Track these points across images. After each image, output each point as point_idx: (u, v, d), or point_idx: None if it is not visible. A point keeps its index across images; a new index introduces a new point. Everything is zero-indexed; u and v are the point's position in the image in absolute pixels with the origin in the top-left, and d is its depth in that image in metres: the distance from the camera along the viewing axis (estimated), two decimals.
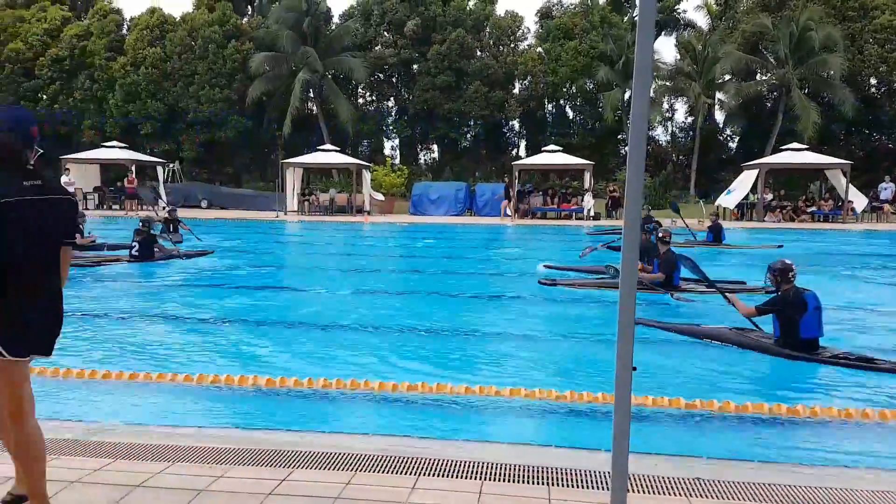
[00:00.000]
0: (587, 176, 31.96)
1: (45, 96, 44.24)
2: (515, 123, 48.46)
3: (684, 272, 10.15)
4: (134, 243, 13.67)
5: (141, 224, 13.90)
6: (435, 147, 50.64)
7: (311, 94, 44.77)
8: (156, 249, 14.03)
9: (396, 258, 16.74)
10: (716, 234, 18.26)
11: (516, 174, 32.16)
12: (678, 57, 45.62)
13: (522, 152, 47.91)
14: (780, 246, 17.97)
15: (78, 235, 14.50)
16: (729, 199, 30.07)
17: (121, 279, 11.86)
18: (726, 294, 7.48)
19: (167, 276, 12.48)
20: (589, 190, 31.71)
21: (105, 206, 33.71)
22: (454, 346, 7.36)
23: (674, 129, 50.15)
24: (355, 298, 10.45)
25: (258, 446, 4.28)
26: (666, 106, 47.63)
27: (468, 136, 47.62)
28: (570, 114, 48.05)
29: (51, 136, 44.36)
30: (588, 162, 32.62)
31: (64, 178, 31.28)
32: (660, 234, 10.48)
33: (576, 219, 30.67)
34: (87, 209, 31.17)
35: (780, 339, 6.85)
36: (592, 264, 13.16)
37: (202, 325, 8.25)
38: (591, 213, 30.85)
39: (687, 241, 18.24)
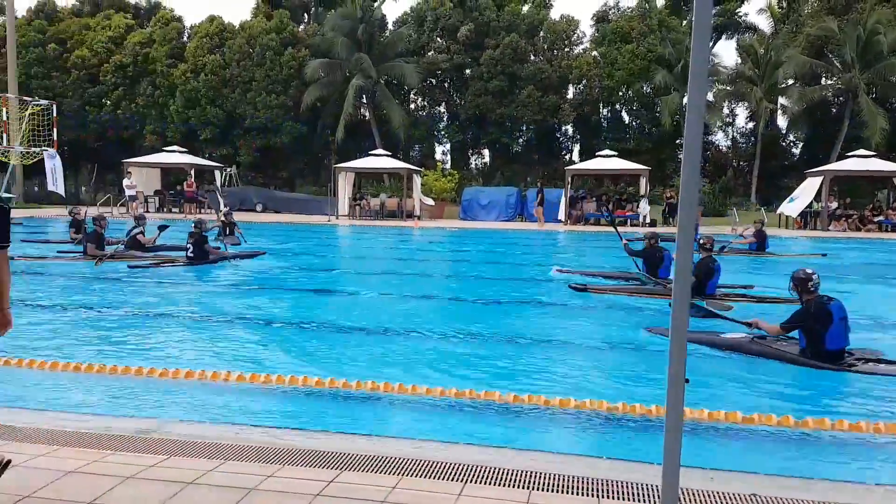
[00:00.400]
0: (643, 181, 31.51)
1: (109, 102, 45.79)
2: (569, 128, 48.11)
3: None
4: (188, 245, 14.03)
5: (193, 226, 14.27)
6: (486, 152, 50.61)
7: (364, 100, 45.28)
8: (207, 250, 14.38)
9: (444, 263, 16.78)
10: (760, 243, 18.11)
11: (569, 179, 31.92)
12: (739, 61, 44.66)
13: (576, 157, 47.53)
14: (824, 255, 17.53)
15: (141, 236, 15.02)
16: (791, 207, 29.23)
17: (175, 280, 12.18)
18: (746, 322, 7.33)
19: (220, 277, 12.78)
20: (645, 196, 31.26)
21: (165, 209, 34.70)
22: (500, 352, 7.34)
23: (734, 134, 49.12)
24: (404, 302, 10.51)
25: (308, 447, 4.34)
26: (726, 111, 46.69)
27: (520, 140, 47.44)
28: (626, 118, 47.44)
29: (114, 140, 45.99)
30: (644, 167, 32.17)
31: (126, 181, 32.36)
32: (701, 241, 10.39)
33: (631, 225, 30.25)
34: (147, 212, 32.12)
35: (805, 349, 6.74)
36: (610, 269, 13.17)
37: (254, 326, 8.42)
38: (647, 220, 30.39)
39: (729, 248, 18.09)
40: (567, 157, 48.40)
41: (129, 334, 7.88)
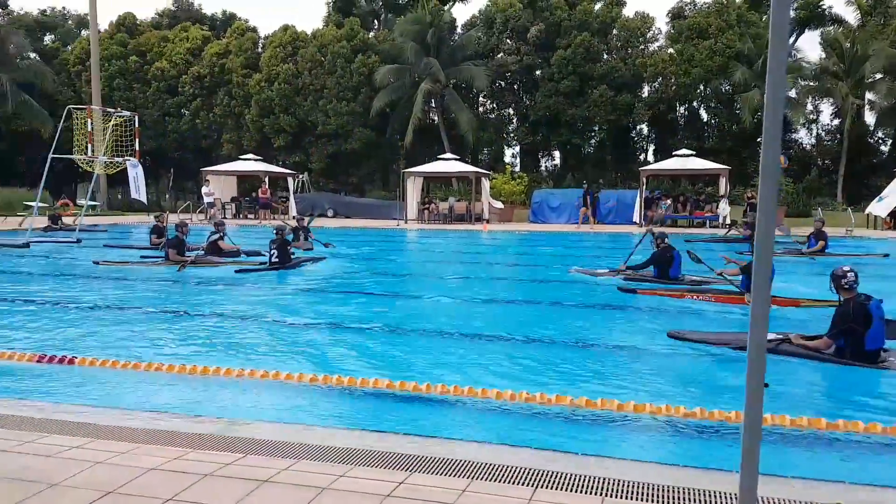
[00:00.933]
0: (723, 181, 30.72)
1: (187, 112, 47.58)
2: (644, 127, 47.32)
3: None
4: (272, 251, 14.48)
5: (275, 232, 14.70)
6: (557, 154, 50.24)
7: (433, 104, 45.60)
8: (290, 255, 14.81)
9: (512, 266, 16.73)
10: (819, 242, 17.69)
11: (644, 180, 31.37)
12: (823, 55, 43.01)
13: (651, 157, 46.69)
14: (887, 255, 16.81)
15: (221, 241, 15.57)
16: (880, 206, 27.88)
17: (260, 284, 12.55)
18: (788, 337, 7.07)
19: (300, 281, 13.12)
20: (725, 196, 30.45)
21: (241, 216, 35.75)
22: (568, 355, 7.30)
23: (819, 131, 47.30)
24: (473, 306, 10.55)
25: (379, 448, 4.40)
26: (810, 107, 45.02)
27: (592, 141, 46.91)
28: (705, 116, 46.37)
29: (193, 149, 47.72)
30: (723, 166, 31.37)
31: (204, 189, 33.56)
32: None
33: (710, 227, 29.50)
34: (224, 217, 33.17)
35: (844, 349, 6.69)
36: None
37: (327, 329, 8.60)
38: (727, 221, 29.57)
39: (787, 249, 17.80)
40: (641, 157, 47.64)
41: (209, 335, 8.16)
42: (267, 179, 35.81)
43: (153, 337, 8.02)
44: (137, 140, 24.03)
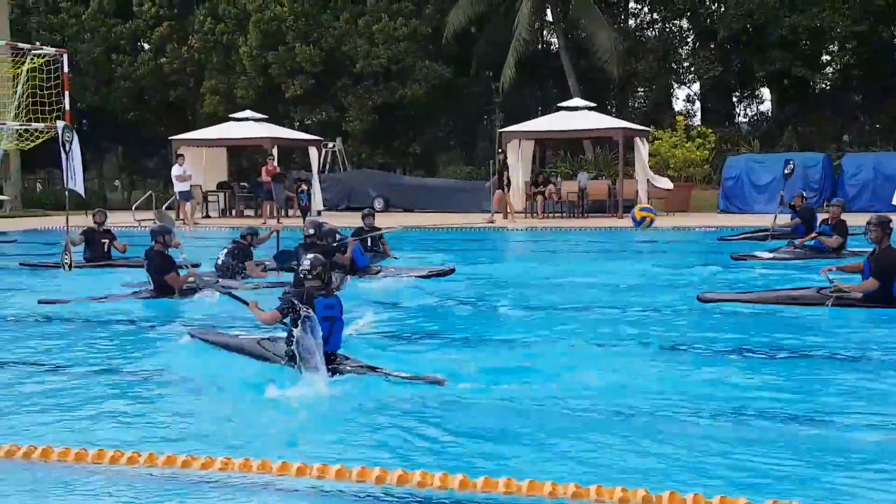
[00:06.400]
0: None
1: (146, 45, 48.61)
2: None
3: None
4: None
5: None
6: (765, 93, 49.46)
7: (549, 18, 45.54)
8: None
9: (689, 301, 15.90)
10: (807, 226, 20.66)
11: None
12: None
13: None
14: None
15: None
16: None
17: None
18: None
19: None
20: None
21: (234, 212, 36.26)
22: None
23: None
24: (632, 366, 10.47)
25: None
26: None
27: (828, 71, 45.93)
28: None
29: (157, 105, 48.63)
30: None
31: (175, 171, 33.69)
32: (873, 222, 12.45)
33: None
34: (208, 216, 33.74)
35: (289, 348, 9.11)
36: None
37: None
38: None
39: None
40: None
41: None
42: (275, 152, 36.11)
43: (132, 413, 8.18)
44: (67, 94, 24.53)
